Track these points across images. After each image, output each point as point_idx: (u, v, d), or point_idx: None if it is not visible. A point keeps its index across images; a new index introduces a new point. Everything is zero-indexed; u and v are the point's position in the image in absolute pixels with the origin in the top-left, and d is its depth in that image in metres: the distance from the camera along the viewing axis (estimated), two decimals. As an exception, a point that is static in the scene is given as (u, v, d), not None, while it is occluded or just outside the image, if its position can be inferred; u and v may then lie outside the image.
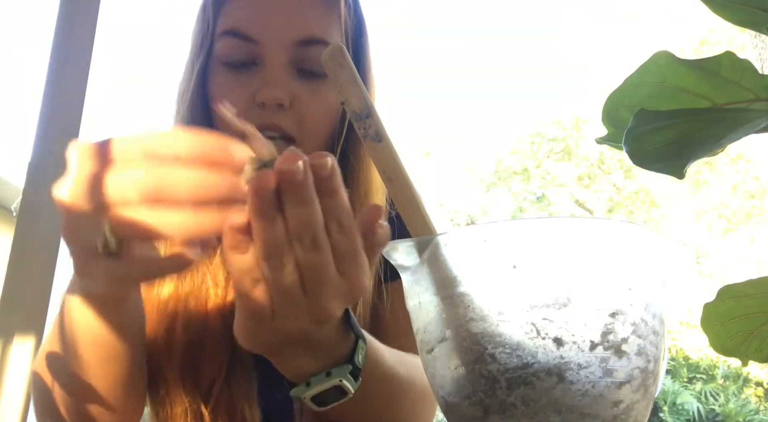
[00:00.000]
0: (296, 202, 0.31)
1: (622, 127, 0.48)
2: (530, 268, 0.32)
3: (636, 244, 0.33)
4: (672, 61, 0.49)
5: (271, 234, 0.31)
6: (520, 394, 0.31)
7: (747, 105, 0.48)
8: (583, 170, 11.76)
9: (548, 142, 11.94)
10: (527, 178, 12.05)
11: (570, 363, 0.31)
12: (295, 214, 0.31)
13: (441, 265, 0.34)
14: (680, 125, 0.45)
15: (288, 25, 0.60)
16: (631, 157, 0.46)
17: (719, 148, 0.43)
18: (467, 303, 0.33)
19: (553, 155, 11.95)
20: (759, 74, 0.47)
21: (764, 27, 0.47)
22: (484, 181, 12.28)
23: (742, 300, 0.51)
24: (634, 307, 0.32)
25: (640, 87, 0.50)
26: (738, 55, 0.47)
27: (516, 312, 0.32)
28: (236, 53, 0.61)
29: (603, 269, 0.32)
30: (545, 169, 12.04)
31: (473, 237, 0.34)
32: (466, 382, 0.33)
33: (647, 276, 0.33)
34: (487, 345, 0.32)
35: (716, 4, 0.46)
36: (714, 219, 10.52)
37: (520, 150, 12.18)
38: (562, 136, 11.84)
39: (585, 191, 11.96)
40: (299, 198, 0.31)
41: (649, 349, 0.33)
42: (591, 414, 0.31)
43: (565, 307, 0.32)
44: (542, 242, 0.33)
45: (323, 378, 0.41)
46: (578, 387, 0.31)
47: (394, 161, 0.37)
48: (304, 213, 0.32)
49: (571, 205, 11.91)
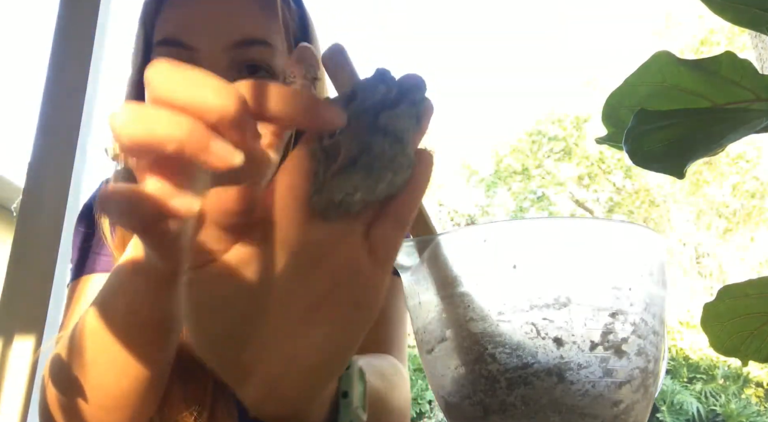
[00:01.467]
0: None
1: (622, 126, 0.48)
2: (530, 268, 0.32)
3: (636, 244, 0.33)
4: (672, 61, 0.49)
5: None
6: (520, 394, 0.31)
7: (747, 105, 0.48)
8: (583, 170, 11.76)
9: (549, 142, 11.95)
10: (527, 177, 12.06)
11: (570, 363, 0.31)
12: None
13: (441, 265, 0.34)
14: (680, 125, 0.45)
15: (222, 28, 0.59)
16: (631, 156, 0.46)
17: (719, 148, 0.43)
18: (467, 303, 0.33)
19: (554, 155, 11.95)
20: (759, 74, 0.47)
21: (764, 27, 0.47)
22: (484, 181, 12.28)
23: (742, 300, 0.51)
24: (634, 307, 0.32)
25: (640, 87, 0.50)
26: (738, 55, 0.47)
27: (516, 312, 0.32)
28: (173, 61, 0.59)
29: (603, 269, 0.32)
30: (545, 169, 12.05)
31: (473, 237, 0.34)
32: (466, 382, 0.33)
33: (647, 276, 0.33)
34: (487, 345, 0.32)
35: (716, 4, 0.46)
36: (714, 219, 10.53)
37: (520, 149, 12.19)
38: (562, 135, 11.85)
39: (585, 191, 11.96)
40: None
41: (649, 349, 0.33)
42: (591, 414, 0.31)
43: (565, 307, 0.32)
44: (542, 242, 0.33)
45: None
46: (578, 387, 0.31)
47: (394, 161, 0.37)
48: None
49: (571, 205, 11.91)
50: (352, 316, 0.27)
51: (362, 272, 0.27)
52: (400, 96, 0.29)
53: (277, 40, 0.61)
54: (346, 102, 0.28)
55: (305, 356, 0.26)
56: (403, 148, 0.27)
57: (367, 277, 0.27)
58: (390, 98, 0.28)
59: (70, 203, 1.05)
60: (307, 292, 0.27)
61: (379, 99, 0.28)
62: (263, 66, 0.60)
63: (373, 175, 0.27)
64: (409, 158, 0.28)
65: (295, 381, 0.27)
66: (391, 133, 0.27)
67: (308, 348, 0.26)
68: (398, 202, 0.28)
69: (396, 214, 0.28)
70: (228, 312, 0.27)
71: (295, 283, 0.27)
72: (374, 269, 0.27)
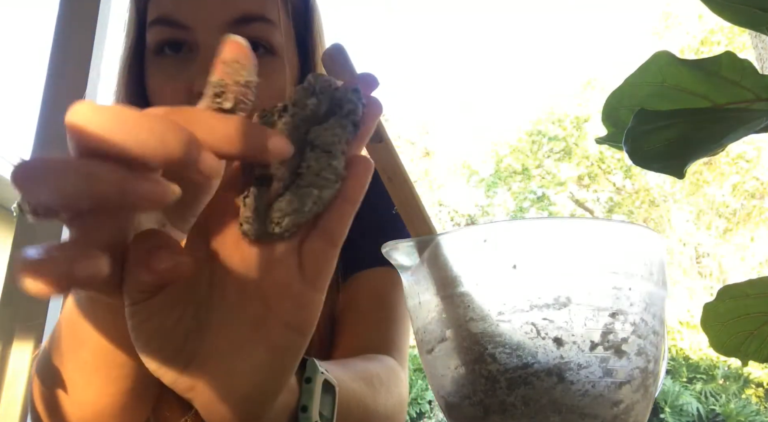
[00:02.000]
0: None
1: (622, 126, 0.48)
2: (530, 268, 0.32)
3: (636, 244, 0.33)
4: (672, 61, 0.49)
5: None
6: (520, 394, 0.31)
7: (747, 105, 0.48)
8: (583, 170, 11.77)
9: (549, 142, 11.95)
10: (527, 177, 12.06)
11: (570, 363, 0.31)
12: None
13: (441, 265, 0.34)
14: (680, 125, 0.45)
15: (218, 5, 0.56)
16: (631, 156, 0.46)
17: (719, 148, 0.43)
18: (467, 303, 0.33)
19: (554, 155, 11.95)
20: (759, 74, 0.47)
21: (764, 27, 0.47)
22: (484, 181, 12.29)
23: (742, 300, 0.51)
24: (634, 307, 0.32)
25: (640, 87, 0.50)
26: (738, 55, 0.47)
27: (516, 312, 0.32)
28: (169, 42, 0.57)
29: (603, 269, 0.32)
30: (545, 169, 12.05)
31: (473, 237, 0.34)
32: (466, 382, 0.33)
33: (647, 276, 0.33)
34: (487, 345, 0.32)
35: (716, 4, 0.46)
36: (714, 219, 10.53)
37: (520, 149, 12.19)
38: (562, 135, 11.85)
39: (585, 191, 11.97)
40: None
41: (649, 349, 0.33)
42: (591, 414, 0.31)
43: (565, 307, 0.32)
44: (542, 242, 0.33)
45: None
46: (578, 387, 0.31)
47: (394, 161, 0.37)
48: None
49: (571, 205, 11.91)
50: (285, 339, 0.26)
51: (293, 292, 0.26)
52: (331, 108, 0.27)
53: (275, 15, 0.58)
54: (279, 115, 0.27)
55: (240, 378, 0.26)
56: (329, 161, 0.26)
57: (298, 297, 0.27)
58: (320, 112, 0.27)
59: (70, 203, 1.05)
60: (243, 314, 0.27)
61: (309, 114, 0.27)
62: (262, 43, 0.57)
63: (299, 194, 0.26)
64: (337, 171, 0.26)
65: (232, 402, 0.26)
66: (318, 147, 0.26)
67: (243, 371, 0.26)
68: (328, 216, 0.27)
69: (326, 230, 0.27)
70: (170, 336, 0.26)
71: (231, 305, 0.27)
72: (304, 288, 0.27)
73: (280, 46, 0.59)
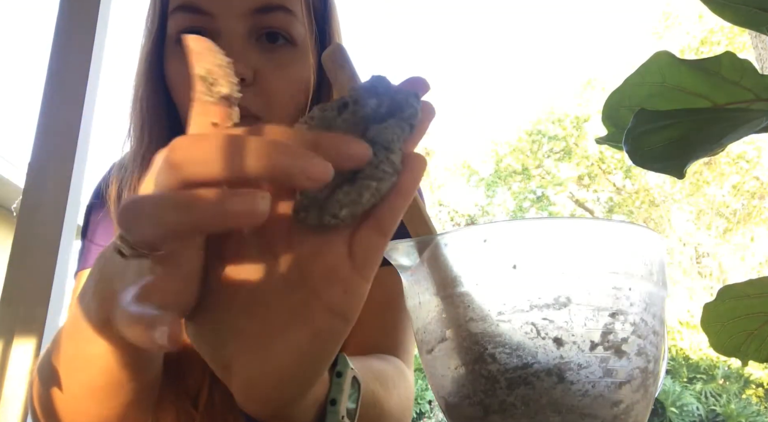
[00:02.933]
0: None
1: (622, 126, 0.48)
2: (530, 268, 0.32)
3: (636, 244, 0.33)
4: (672, 61, 0.49)
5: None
6: (520, 394, 0.31)
7: (747, 105, 0.48)
8: (583, 170, 11.76)
9: (549, 142, 11.95)
10: (527, 177, 12.06)
11: (570, 363, 0.31)
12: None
13: (441, 265, 0.34)
14: (680, 125, 0.45)
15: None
16: (631, 156, 0.46)
17: (719, 148, 0.43)
18: (467, 303, 0.33)
19: (554, 155, 11.95)
20: (759, 74, 0.47)
21: (764, 27, 0.47)
22: (484, 181, 12.29)
23: (742, 300, 0.51)
24: (634, 307, 0.32)
25: (640, 87, 0.50)
26: (738, 55, 0.47)
27: (516, 312, 0.32)
28: (190, 29, 0.56)
29: (603, 269, 0.32)
30: (545, 169, 12.05)
31: (473, 237, 0.34)
32: (466, 382, 0.33)
33: (647, 276, 0.33)
34: (487, 345, 0.32)
35: (716, 4, 0.46)
36: (714, 219, 10.53)
37: (520, 149, 12.19)
38: (562, 135, 11.85)
39: (585, 191, 11.96)
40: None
41: (649, 349, 0.33)
42: (591, 414, 0.31)
43: (565, 307, 0.32)
44: (542, 242, 0.33)
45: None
46: (578, 387, 0.31)
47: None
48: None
49: (571, 205, 11.91)
50: (329, 324, 0.27)
51: (341, 279, 0.27)
52: (391, 110, 0.28)
53: (296, 6, 0.59)
54: (338, 111, 0.28)
55: (279, 360, 0.26)
56: (388, 155, 0.27)
57: (346, 283, 0.27)
58: (380, 112, 0.28)
59: (70, 203, 1.05)
60: (288, 298, 0.27)
61: (370, 112, 0.28)
62: (282, 33, 0.58)
63: (358, 186, 0.26)
64: (394, 165, 0.27)
65: (269, 383, 0.27)
66: (378, 143, 0.27)
67: (283, 353, 0.26)
68: (382, 208, 0.27)
69: (378, 221, 0.27)
70: (214, 313, 0.27)
71: (277, 289, 0.27)
72: (352, 276, 0.27)
73: (301, 38, 0.59)
